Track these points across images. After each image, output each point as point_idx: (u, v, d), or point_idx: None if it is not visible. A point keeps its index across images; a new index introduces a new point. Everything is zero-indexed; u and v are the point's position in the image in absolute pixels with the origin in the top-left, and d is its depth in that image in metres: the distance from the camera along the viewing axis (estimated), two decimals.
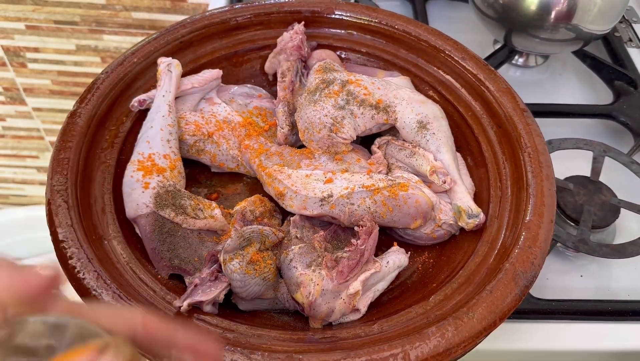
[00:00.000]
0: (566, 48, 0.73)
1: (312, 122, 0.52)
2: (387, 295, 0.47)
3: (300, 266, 0.44)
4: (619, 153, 0.63)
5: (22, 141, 1.41)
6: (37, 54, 1.18)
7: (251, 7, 0.63)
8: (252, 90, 0.61)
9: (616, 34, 0.81)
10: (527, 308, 0.52)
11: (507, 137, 0.53)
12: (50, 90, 1.26)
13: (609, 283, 0.57)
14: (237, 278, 0.43)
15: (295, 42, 0.59)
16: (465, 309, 0.40)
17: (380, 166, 0.52)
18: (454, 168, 0.51)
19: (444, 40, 0.60)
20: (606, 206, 0.59)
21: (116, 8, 1.07)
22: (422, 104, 0.54)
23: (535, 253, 0.44)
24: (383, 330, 0.42)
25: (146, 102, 0.55)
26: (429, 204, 0.49)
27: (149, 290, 0.43)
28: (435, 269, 0.49)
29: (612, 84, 0.73)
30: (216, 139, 0.55)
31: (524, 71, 0.80)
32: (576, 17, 0.66)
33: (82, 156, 0.49)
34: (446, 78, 0.59)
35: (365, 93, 0.53)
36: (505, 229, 0.48)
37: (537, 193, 0.47)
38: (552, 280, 0.56)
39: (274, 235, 0.46)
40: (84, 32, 1.12)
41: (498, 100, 0.54)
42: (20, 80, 1.24)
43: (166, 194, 0.48)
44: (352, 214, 0.47)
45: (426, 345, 0.38)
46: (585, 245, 0.55)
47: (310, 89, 0.55)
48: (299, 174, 0.50)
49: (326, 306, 0.43)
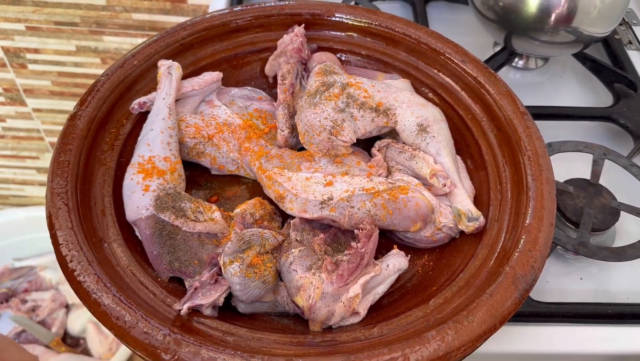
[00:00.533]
0: (566, 51, 0.73)
1: (312, 125, 0.52)
2: (387, 298, 0.47)
3: (300, 269, 0.44)
4: (618, 156, 0.63)
5: (22, 142, 1.41)
6: (37, 55, 1.18)
7: (251, 10, 0.63)
8: (252, 92, 0.61)
9: (616, 37, 0.81)
10: (527, 311, 0.52)
11: (507, 140, 0.53)
12: (50, 91, 1.26)
13: (608, 286, 0.57)
14: (237, 281, 0.43)
15: (296, 44, 0.59)
16: (465, 312, 0.40)
17: (380, 169, 0.52)
18: (454, 171, 0.51)
19: (444, 42, 0.60)
20: (606, 209, 0.59)
21: (116, 9, 1.07)
22: (422, 107, 0.54)
23: (535, 256, 0.44)
24: (383, 334, 0.42)
25: (146, 104, 0.55)
26: (429, 207, 0.49)
27: (149, 293, 0.43)
28: (435, 273, 0.49)
29: (612, 87, 0.74)
30: (216, 142, 0.55)
31: (524, 74, 0.80)
32: (576, 20, 0.66)
33: (82, 158, 0.49)
34: (446, 81, 0.59)
35: (366, 96, 0.53)
36: (505, 233, 0.48)
37: (537, 196, 0.47)
38: (552, 283, 0.56)
39: (274, 238, 0.46)
40: (84, 33, 1.12)
41: (498, 103, 0.54)
42: (21, 81, 1.24)
43: (166, 196, 0.48)
44: (352, 217, 0.47)
45: (426, 348, 0.38)
46: (585, 248, 0.55)
47: (310, 91, 0.55)
48: (299, 177, 0.50)
49: (326, 310, 0.43)
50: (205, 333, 0.41)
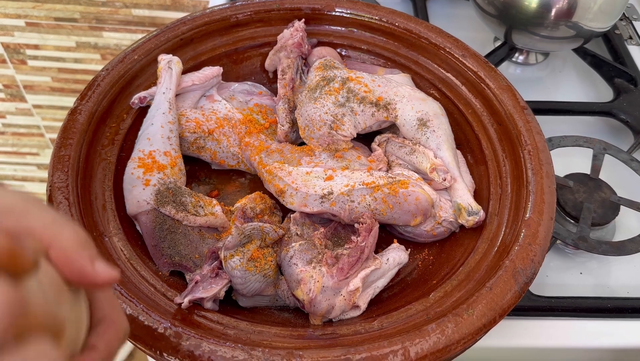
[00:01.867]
0: (566, 46, 0.73)
1: (312, 119, 0.52)
2: (387, 292, 0.47)
3: (301, 263, 0.44)
4: (618, 151, 0.63)
5: (23, 138, 1.41)
6: (37, 51, 1.18)
7: (251, 4, 0.63)
8: (253, 87, 0.61)
9: (616, 32, 0.81)
10: (527, 305, 0.52)
11: (507, 134, 0.53)
12: (50, 87, 1.26)
13: (608, 280, 0.57)
14: (238, 275, 0.43)
15: (296, 39, 0.59)
16: (465, 306, 0.40)
17: (380, 163, 0.52)
18: (454, 166, 0.51)
19: (445, 37, 0.60)
20: (606, 203, 0.59)
21: (116, 5, 1.07)
22: (422, 102, 0.54)
23: (535, 250, 0.44)
24: (383, 327, 0.42)
25: (147, 99, 0.55)
26: (429, 201, 0.49)
27: (150, 287, 0.43)
28: (435, 267, 0.49)
29: (612, 82, 0.74)
30: (217, 137, 0.55)
31: (525, 68, 0.80)
32: (576, 15, 0.66)
33: (82, 153, 0.49)
34: (446, 75, 0.59)
35: (366, 90, 0.53)
36: (505, 227, 0.48)
37: (537, 191, 0.47)
38: (551, 277, 0.56)
39: (274, 232, 0.46)
40: (84, 29, 1.12)
41: (498, 97, 0.54)
42: (21, 77, 1.24)
43: (167, 191, 0.48)
44: (352, 211, 0.48)
45: (426, 341, 0.38)
46: (585, 242, 0.55)
47: (310, 86, 0.55)
48: (299, 171, 0.51)
49: (326, 303, 0.43)
50: (206, 327, 0.41)
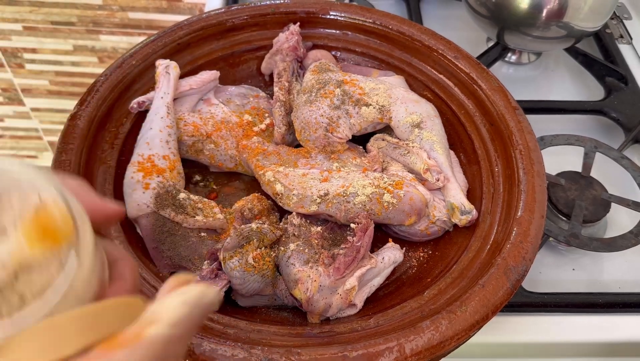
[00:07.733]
0: (558, 45, 0.74)
1: (308, 122, 0.53)
2: (382, 290, 0.48)
3: (298, 263, 0.45)
4: (609, 149, 0.64)
5: (21, 141, 1.42)
6: (35, 55, 1.19)
7: (247, 9, 0.63)
8: (249, 90, 0.61)
9: (607, 31, 0.82)
10: (521, 301, 0.53)
11: (499, 134, 0.54)
12: (48, 90, 1.27)
13: (600, 276, 0.58)
14: (237, 276, 0.44)
15: (291, 42, 0.60)
16: (459, 303, 0.41)
17: (375, 164, 0.53)
18: (447, 166, 0.52)
19: (437, 39, 0.61)
20: (597, 200, 0.60)
21: (113, 8, 1.08)
22: (416, 103, 0.55)
23: (526, 248, 0.45)
24: (379, 324, 0.43)
25: (145, 103, 0.56)
26: (423, 201, 0.50)
27: (151, 288, 0.44)
28: (430, 265, 0.50)
29: (604, 81, 0.75)
30: (214, 140, 0.56)
31: (517, 68, 0.81)
32: (567, 15, 0.67)
33: (83, 157, 0.50)
34: (439, 77, 0.60)
35: (360, 93, 0.54)
36: (498, 225, 0.49)
37: (529, 190, 0.48)
38: (544, 274, 0.57)
39: (272, 233, 0.47)
40: (81, 32, 1.13)
41: (490, 98, 0.55)
42: (18, 81, 1.25)
43: (166, 194, 0.49)
44: (348, 211, 0.48)
45: (421, 338, 0.39)
46: (577, 239, 0.56)
47: (306, 89, 0.56)
48: (296, 173, 0.51)
49: (323, 302, 0.44)
50: (206, 326, 0.42)
